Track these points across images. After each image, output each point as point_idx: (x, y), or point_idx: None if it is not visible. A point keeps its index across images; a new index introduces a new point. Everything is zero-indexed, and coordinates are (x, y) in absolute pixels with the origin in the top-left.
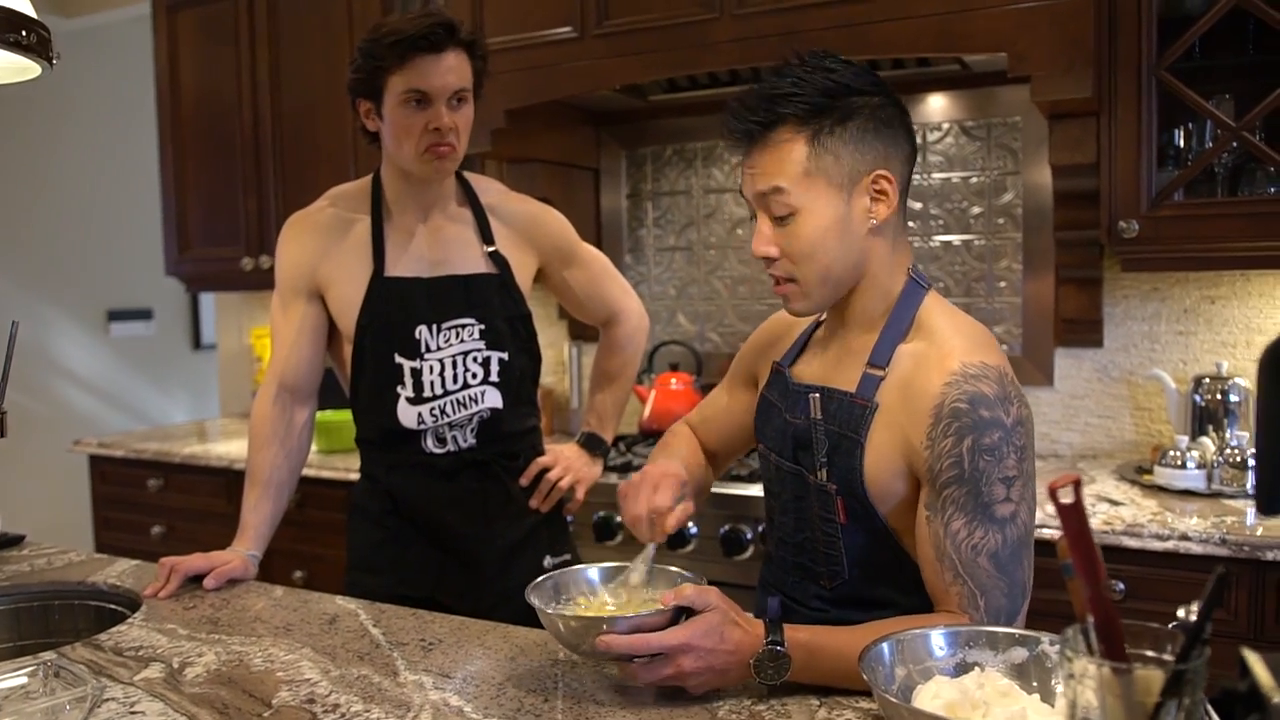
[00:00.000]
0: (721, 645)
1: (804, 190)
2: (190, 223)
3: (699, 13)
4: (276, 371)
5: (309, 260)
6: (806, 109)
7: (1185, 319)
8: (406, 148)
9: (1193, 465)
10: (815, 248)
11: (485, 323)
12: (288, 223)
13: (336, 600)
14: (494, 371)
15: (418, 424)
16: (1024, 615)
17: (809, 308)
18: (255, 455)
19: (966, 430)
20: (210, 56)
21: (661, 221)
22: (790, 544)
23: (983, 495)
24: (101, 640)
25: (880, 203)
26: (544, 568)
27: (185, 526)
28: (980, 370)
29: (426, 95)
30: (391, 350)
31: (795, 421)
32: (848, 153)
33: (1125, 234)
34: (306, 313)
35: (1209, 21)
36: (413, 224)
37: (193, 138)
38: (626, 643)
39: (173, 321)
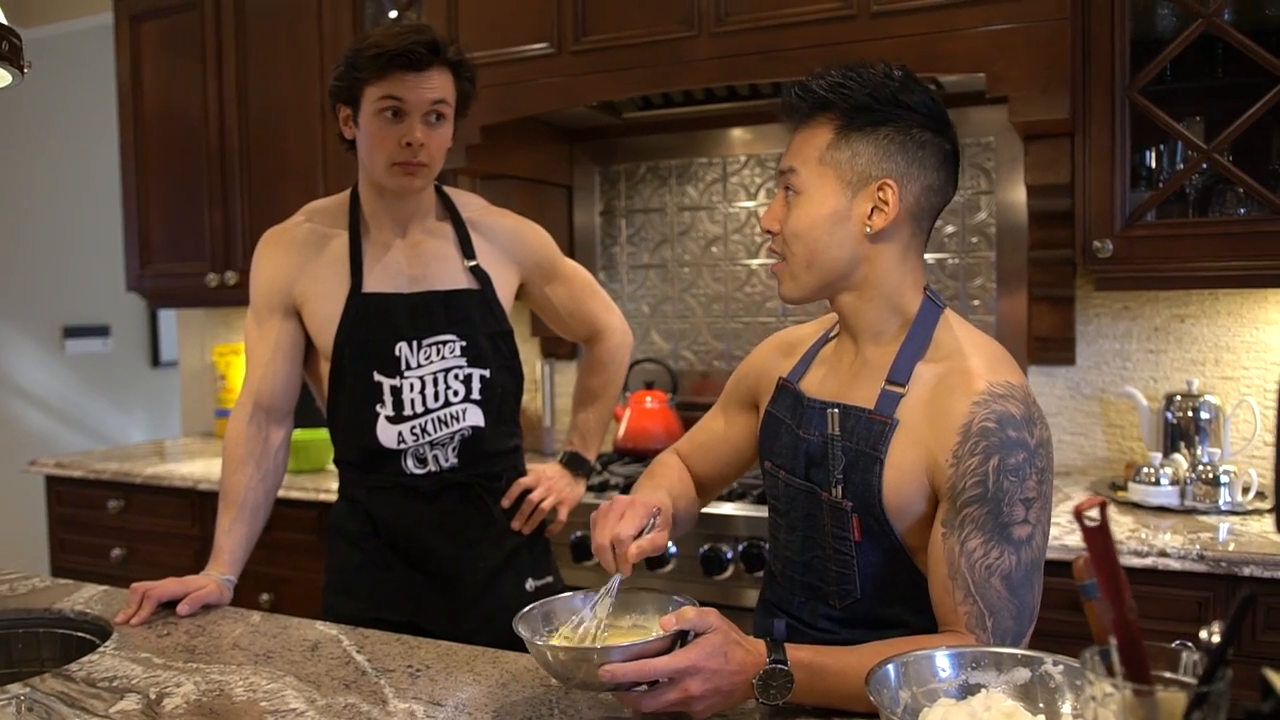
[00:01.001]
0: (726, 666)
1: (814, 175)
2: (153, 237)
3: (678, 30)
4: (252, 390)
5: (285, 276)
6: (849, 106)
7: (1156, 337)
8: (378, 159)
9: (1166, 482)
10: (805, 232)
11: (467, 339)
12: (263, 238)
13: (317, 625)
14: (475, 389)
15: (398, 443)
16: (1029, 639)
17: (794, 290)
18: (230, 477)
19: (993, 450)
20: (175, 68)
21: (635, 239)
22: (797, 563)
23: (1003, 515)
24: (72, 671)
25: (879, 212)
26: (527, 591)
27: (147, 549)
28: (1007, 390)
29: (402, 107)
30: (370, 368)
31: (809, 437)
32: (866, 154)
33: (1100, 253)
34: (283, 330)
35: (1180, 45)
36: (391, 239)
37: (156, 151)
38: (633, 670)
39: (131, 338)
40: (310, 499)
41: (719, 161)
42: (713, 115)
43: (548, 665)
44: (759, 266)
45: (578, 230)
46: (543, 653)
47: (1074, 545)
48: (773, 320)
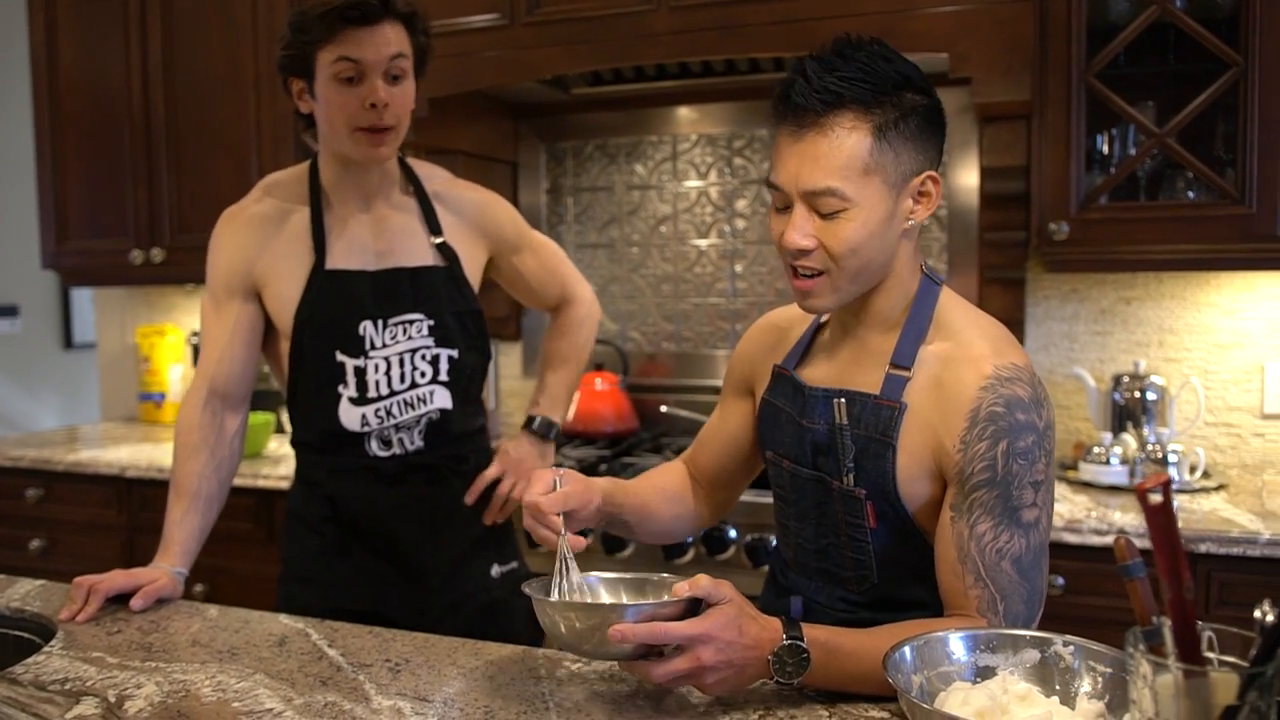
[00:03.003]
0: (740, 639)
1: (861, 188)
2: (70, 212)
3: (636, 4)
4: (207, 375)
5: (244, 257)
6: (872, 95)
7: (1102, 319)
8: (339, 127)
9: (1116, 461)
10: (861, 245)
11: (434, 318)
12: (221, 218)
13: (281, 619)
14: (443, 370)
15: (361, 426)
16: (1038, 623)
17: (831, 304)
18: (182, 465)
19: (1002, 434)
20: (94, 36)
21: (582, 218)
22: (811, 550)
23: (1012, 499)
24: (18, 673)
25: (921, 204)
26: (492, 577)
27: (70, 540)
28: (1013, 372)
29: (360, 67)
30: (333, 347)
31: (813, 427)
32: (906, 151)
33: (1055, 236)
34: (241, 313)
35: (1134, 31)
36: (354, 213)
37: (74, 122)
38: (645, 631)
39: (41, 318)
40: (247, 485)
41: (669, 140)
42: (664, 93)
43: (558, 629)
44: (709, 247)
45: (523, 208)
46: (555, 614)
47: None
48: (722, 301)
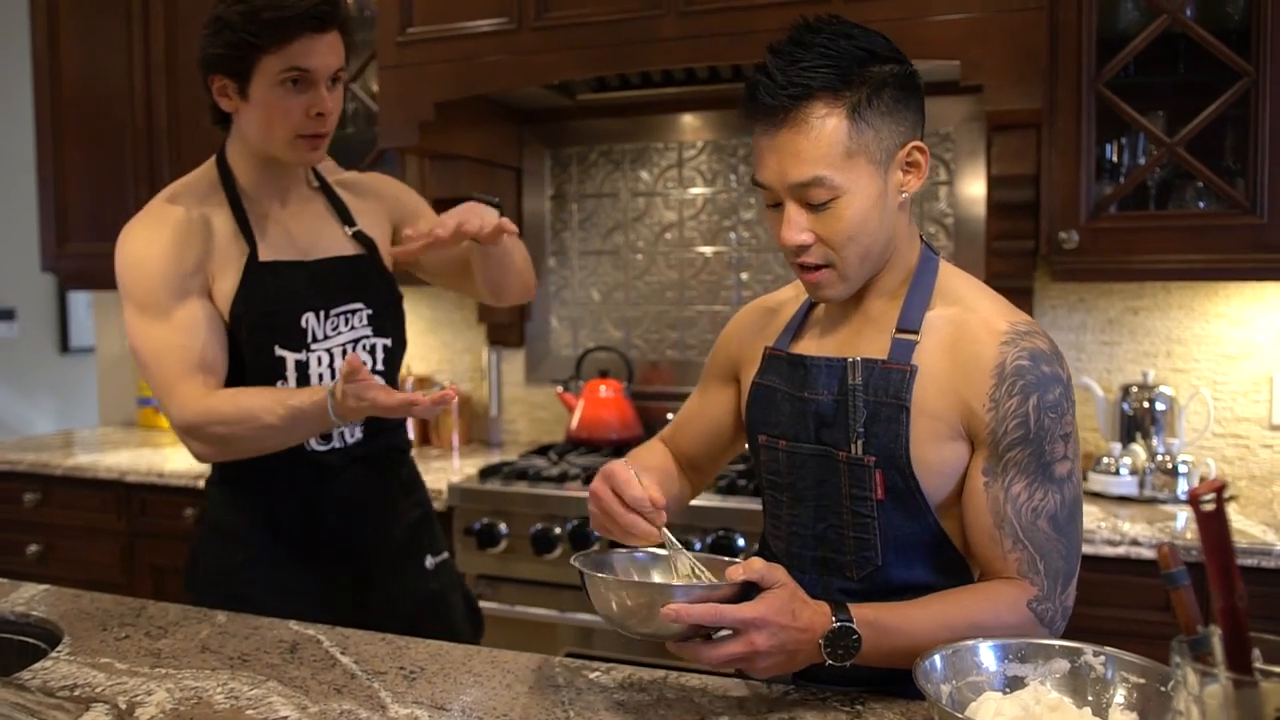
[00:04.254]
0: (794, 623)
1: (846, 172)
2: (71, 215)
3: (644, 9)
4: (194, 367)
5: (194, 257)
6: (840, 79)
7: (1110, 329)
8: (279, 132)
9: (1126, 472)
10: (859, 230)
11: (372, 307)
12: (138, 229)
13: (291, 625)
14: (380, 359)
15: None
16: (1077, 576)
17: (845, 292)
18: (237, 402)
19: (1031, 388)
20: (97, 34)
21: (587, 224)
22: (807, 537)
23: (1045, 455)
24: (25, 679)
25: (911, 174)
26: (427, 569)
27: (67, 545)
28: (1029, 326)
29: (310, 75)
30: (272, 342)
31: (817, 398)
32: (885, 126)
33: (1065, 245)
34: (203, 311)
35: (1145, 40)
36: (273, 209)
37: (75, 123)
38: (700, 613)
39: (38, 322)
40: None
41: (674, 147)
42: (670, 99)
43: (610, 606)
44: (713, 254)
45: (527, 215)
46: (608, 591)
47: None
48: (726, 309)
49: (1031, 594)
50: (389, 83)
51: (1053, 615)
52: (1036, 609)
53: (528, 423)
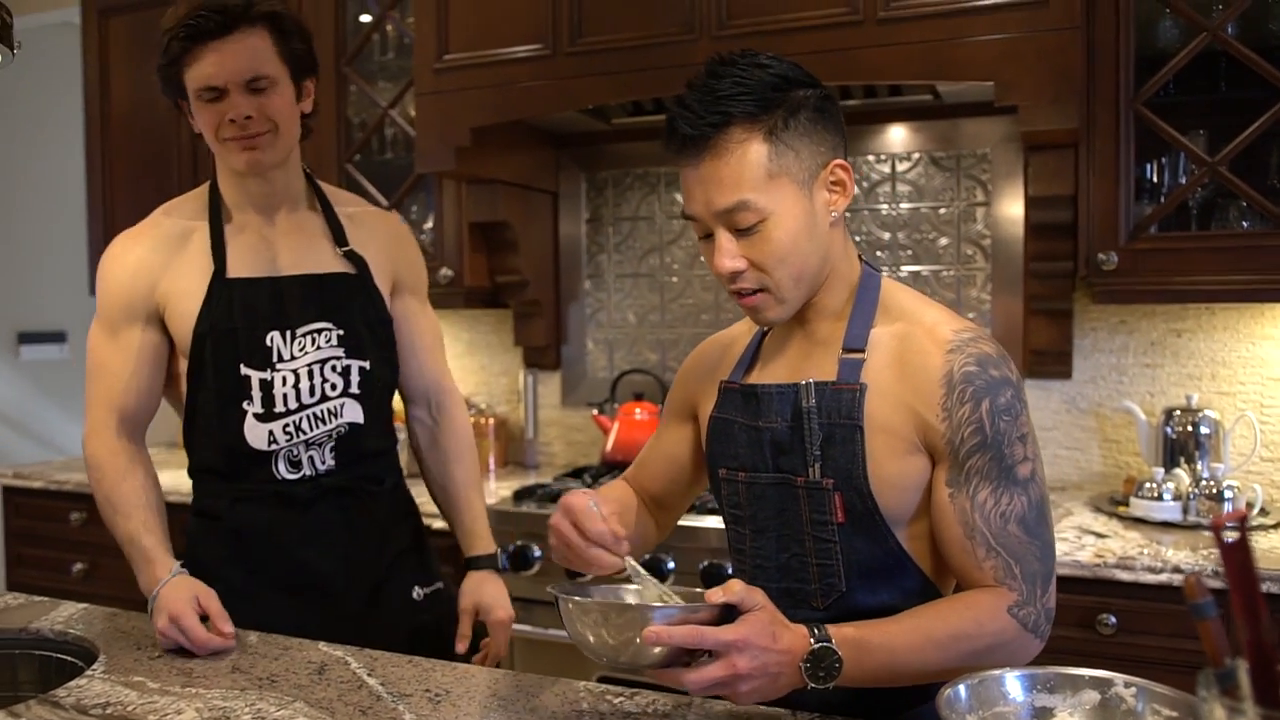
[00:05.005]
0: (775, 645)
1: (770, 194)
2: None
3: (677, 34)
4: (114, 406)
5: (145, 278)
6: (756, 105)
7: (1152, 351)
8: (211, 140)
9: (1169, 497)
10: (788, 252)
11: (344, 327)
12: (115, 242)
13: (320, 646)
14: (354, 382)
15: (268, 444)
16: (1055, 577)
17: (783, 314)
18: (117, 486)
19: (981, 393)
20: (145, 66)
21: (622, 247)
22: (771, 569)
23: (1005, 458)
24: (60, 697)
25: (837, 194)
26: (414, 600)
27: (110, 564)
28: (973, 334)
29: (217, 88)
30: (236, 360)
31: (772, 425)
32: (804, 147)
33: (1104, 266)
34: (144, 340)
35: (1185, 58)
36: (257, 224)
37: (124, 151)
38: (681, 634)
39: None
40: None
41: None
42: None
43: (588, 635)
44: None
45: (563, 238)
46: (586, 617)
47: (1085, 561)
48: None
49: (1011, 600)
50: (426, 109)
51: (1035, 619)
52: (1018, 614)
53: (564, 445)
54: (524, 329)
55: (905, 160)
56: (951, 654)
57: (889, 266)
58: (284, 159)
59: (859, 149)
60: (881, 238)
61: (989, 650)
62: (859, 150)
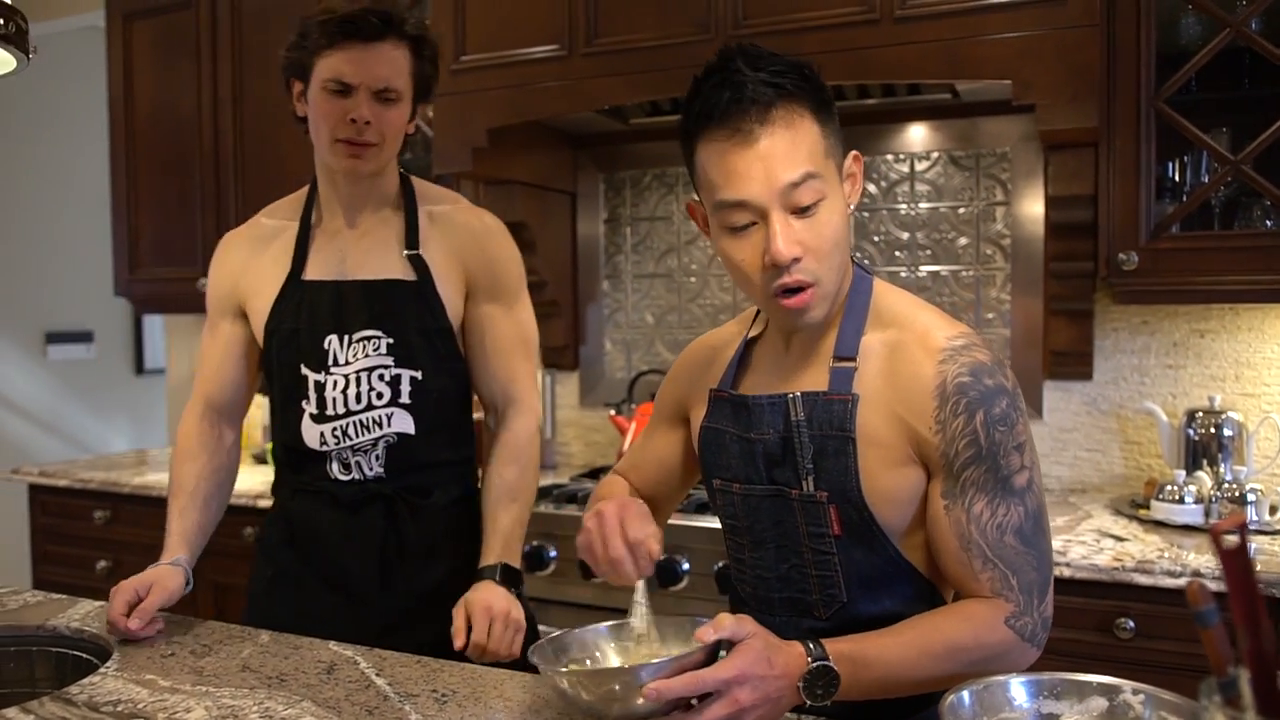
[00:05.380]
0: (772, 671)
1: (827, 172)
2: (142, 242)
3: (693, 34)
4: (203, 392)
5: (230, 276)
6: (803, 83)
7: (1175, 352)
8: (323, 134)
9: (1191, 500)
10: (840, 237)
11: (394, 336)
12: (223, 240)
13: (331, 646)
14: (404, 392)
15: (320, 444)
16: (1053, 585)
17: (825, 310)
18: (179, 467)
19: (976, 404)
20: (168, 69)
21: (640, 248)
22: (772, 579)
23: (1001, 469)
24: (73, 694)
25: (854, 186)
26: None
27: (133, 561)
28: (967, 340)
29: (348, 85)
30: (298, 360)
31: (764, 437)
32: (837, 134)
33: (1125, 266)
34: (231, 332)
35: (1207, 55)
36: (340, 226)
37: (147, 153)
38: (680, 685)
39: (114, 345)
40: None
41: None
42: None
43: (580, 696)
44: None
45: (581, 238)
46: (575, 684)
47: (1103, 564)
48: None
49: (1008, 611)
50: (443, 110)
51: (1033, 630)
52: (1015, 625)
53: (582, 445)
54: (542, 329)
55: (924, 159)
56: (948, 665)
57: (908, 267)
58: (380, 170)
59: (877, 148)
60: (900, 237)
61: (986, 661)
62: (877, 149)
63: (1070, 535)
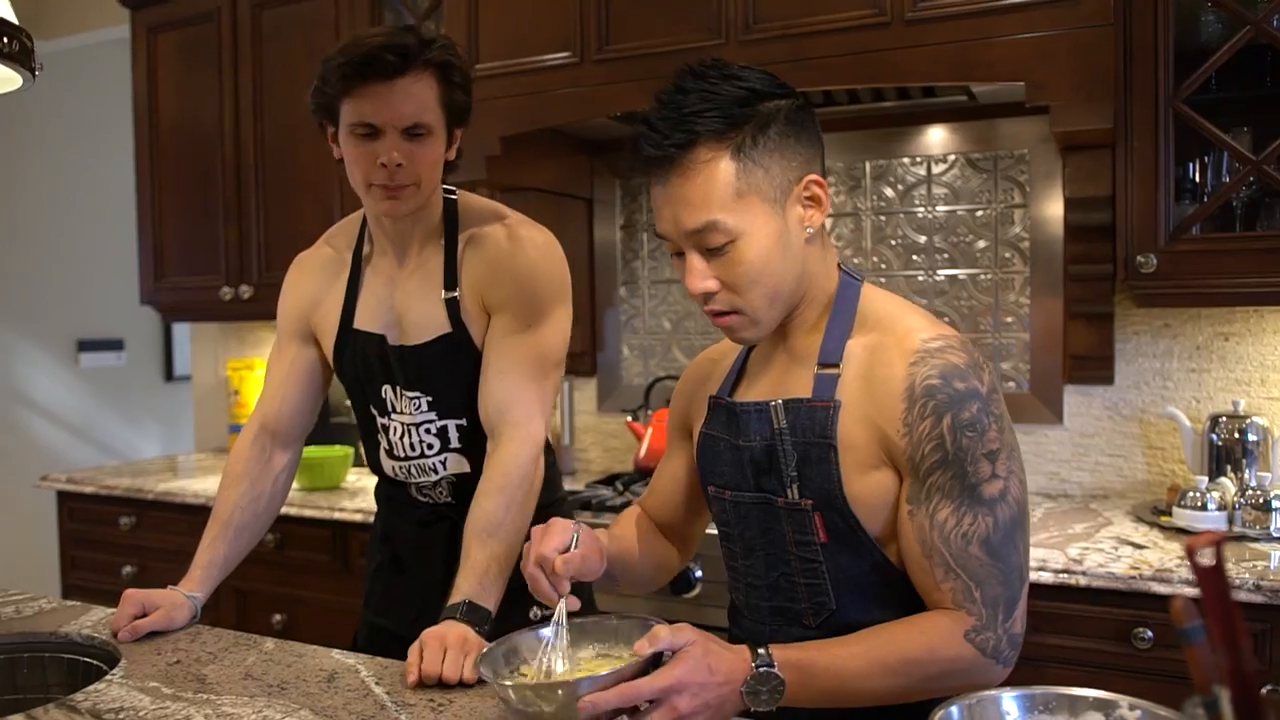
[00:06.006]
0: (712, 678)
1: (739, 213)
2: (167, 251)
3: (704, 38)
4: (260, 413)
5: (304, 302)
6: (723, 122)
7: (1198, 356)
8: (357, 179)
9: (1213, 507)
10: (760, 272)
11: (434, 394)
12: (293, 263)
13: (334, 654)
14: (454, 438)
15: (395, 475)
16: (1024, 600)
17: (759, 334)
18: (222, 492)
19: (944, 408)
20: (191, 80)
21: (657, 253)
22: (762, 587)
23: (969, 476)
24: (77, 701)
25: (813, 209)
26: (531, 620)
27: (158, 567)
28: (944, 342)
29: (375, 127)
30: (367, 402)
31: (750, 445)
32: (775, 163)
33: (1143, 268)
34: (299, 355)
35: (1226, 54)
36: (388, 265)
37: (171, 163)
38: (615, 695)
39: (144, 352)
40: (324, 517)
41: None
42: None
43: (513, 706)
44: None
45: (598, 245)
46: (507, 693)
47: (1121, 573)
48: None
49: (969, 624)
50: None
51: (996, 645)
52: (975, 640)
53: (600, 451)
54: None
55: (941, 162)
56: (904, 678)
57: (925, 271)
58: (420, 207)
59: (894, 151)
60: (917, 241)
61: (944, 675)
62: (893, 153)
63: (1088, 543)
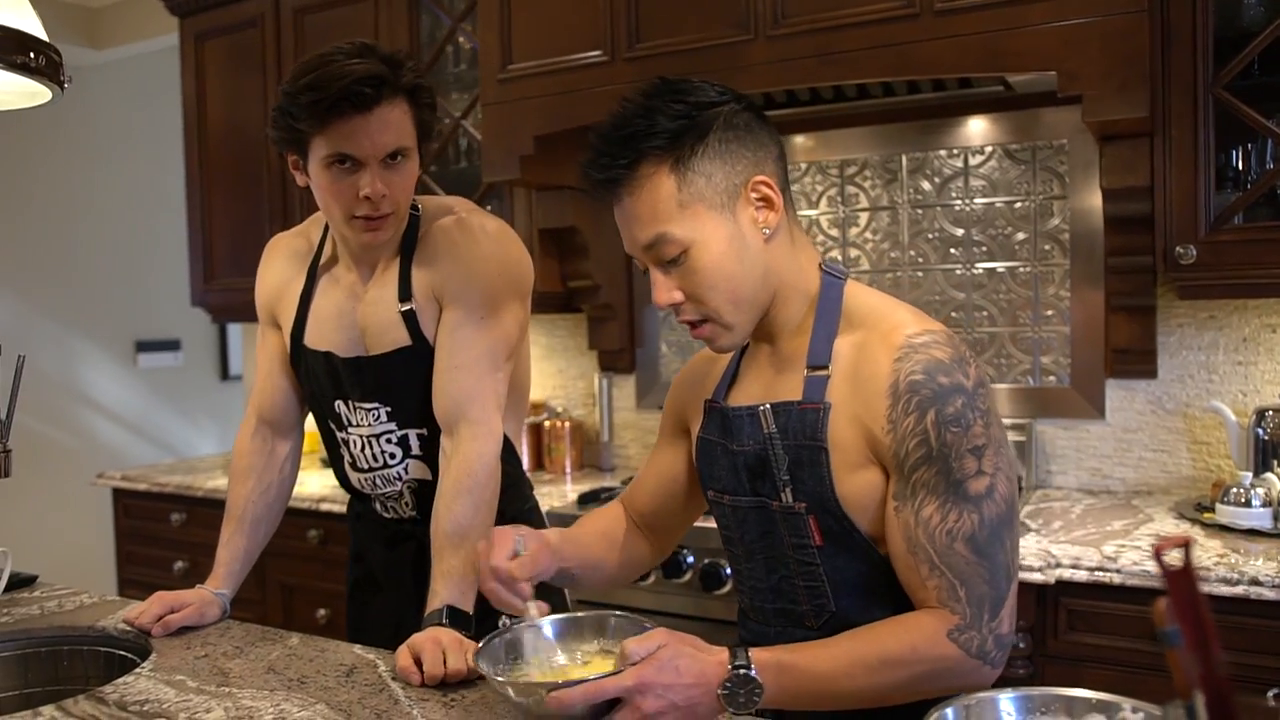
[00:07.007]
0: (680, 679)
1: (685, 223)
2: (216, 253)
3: (733, 34)
4: (255, 405)
5: (268, 294)
6: (663, 137)
7: (1244, 348)
8: (335, 212)
9: (1258, 503)
10: (717, 277)
11: (392, 404)
12: (268, 244)
13: (355, 649)
14: (414, 446)
15: (359, 487)
16: (1013, 600)
17: (735, 340)
18: (232, 489)
19: (928, 403)
20: (237, 85)
21: None
22: (764, 590)
23: (954, 472)
24: (106, 693)
25: (765, 209)
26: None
27: (208, 562)
28: (928, 337)
29: (355, 160)
30: (325, 416)
31: (743, 449)
32: (717, 170)
33: (1182, 260)
34: (277, 343)
35: (1268, 37)
36: (353, 280)
37: (220, 167)
38: (579, 693)
39: (201, 352)
40: None
41: None
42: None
43: (512, 700)
44: None
45: None
46: (500, 690)
47: (1156, 571)
48: None
49: (952, 623)
50: (491, 118)
51: (981, 646)
52: (959, 639)
53: (639, 448)
54: (598, 333)
55: (978, 154)
56: (886, 678)
57: (963, 264)
58: (398, 231)
59: (929, 144)
60: (955, 234)
61: (929, 676)
62: (929, 145)
63: (1125, 540)
